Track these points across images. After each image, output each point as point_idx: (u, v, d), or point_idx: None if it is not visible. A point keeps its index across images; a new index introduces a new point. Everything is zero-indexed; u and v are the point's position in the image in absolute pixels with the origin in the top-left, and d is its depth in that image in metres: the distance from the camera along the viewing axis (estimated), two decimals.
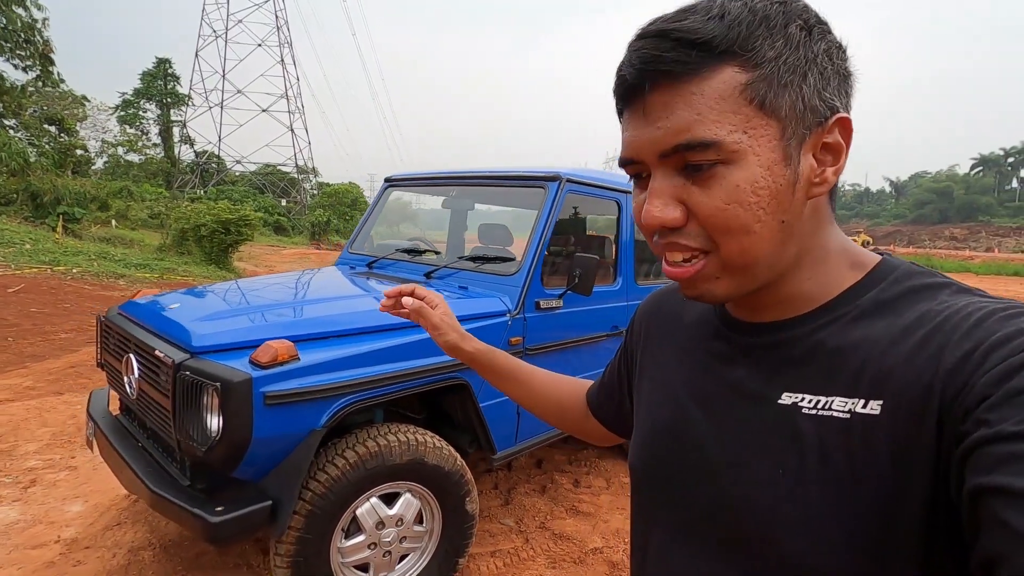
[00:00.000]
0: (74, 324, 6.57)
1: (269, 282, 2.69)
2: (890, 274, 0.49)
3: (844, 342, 0.46)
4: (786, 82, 0.43)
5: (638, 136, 0.46)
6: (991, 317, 0.40)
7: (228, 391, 1.57)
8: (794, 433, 0.46)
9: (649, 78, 0.44)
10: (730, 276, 0.47)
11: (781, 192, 0.44)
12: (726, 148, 0.43)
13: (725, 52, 0.42)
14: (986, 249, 43.99)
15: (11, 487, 2.78)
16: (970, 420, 0.37)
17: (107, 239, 15.10)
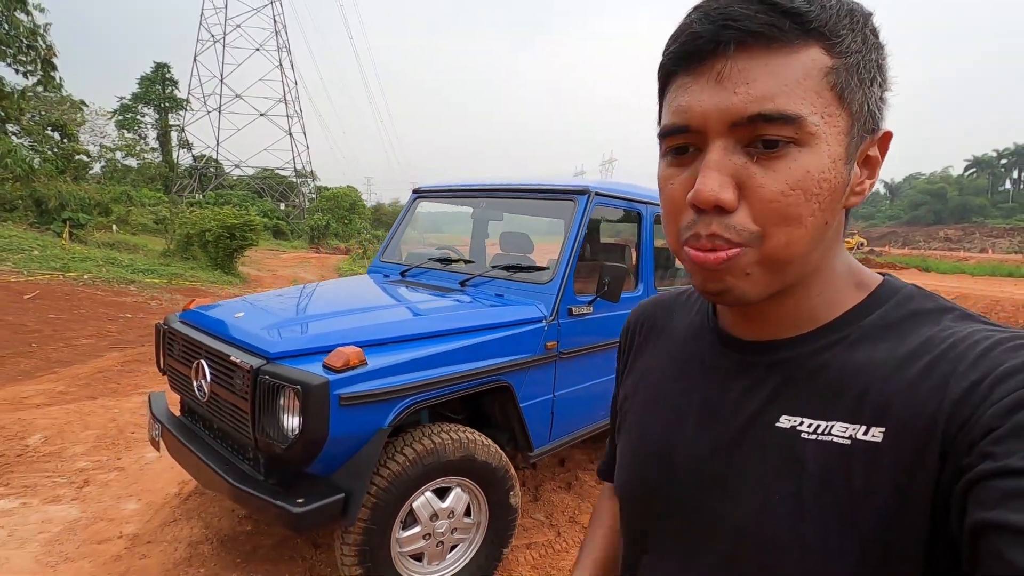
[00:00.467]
0: (93, 330, 6.69)
1: (317, 290, 2.84)
2: (893, 296, 0.48)
3: (846, 365, 0.45)
4: (861, 79, 0.42)
5: (705, 101, 0.42)
6: (998, 347, 0.39)
7: (308, 393, 1.72)
8: (793, 458, 0.44)
9: (735, 37, 0.40)
10: (763, 272, 0.44)
11: (837, 191, 0.43)
12: (805, 128, 0.40)
13: (815, 30, 0.40)
14: (980, 250, 44.47)
15: (67, 487, 2.92)
16: (975, 453, 0.36)
17: (111, 244, 15.20)
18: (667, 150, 0.47)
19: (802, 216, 0.42)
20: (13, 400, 4.13)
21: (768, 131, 0.40)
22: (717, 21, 0.41)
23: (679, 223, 0.46)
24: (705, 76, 0.42)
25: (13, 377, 4.73)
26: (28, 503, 2.74)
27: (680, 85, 0.44)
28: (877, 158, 0.46)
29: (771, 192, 0.41)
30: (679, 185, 0.45)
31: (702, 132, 0.43)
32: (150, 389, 4.63)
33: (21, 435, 3.47)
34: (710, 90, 0.42)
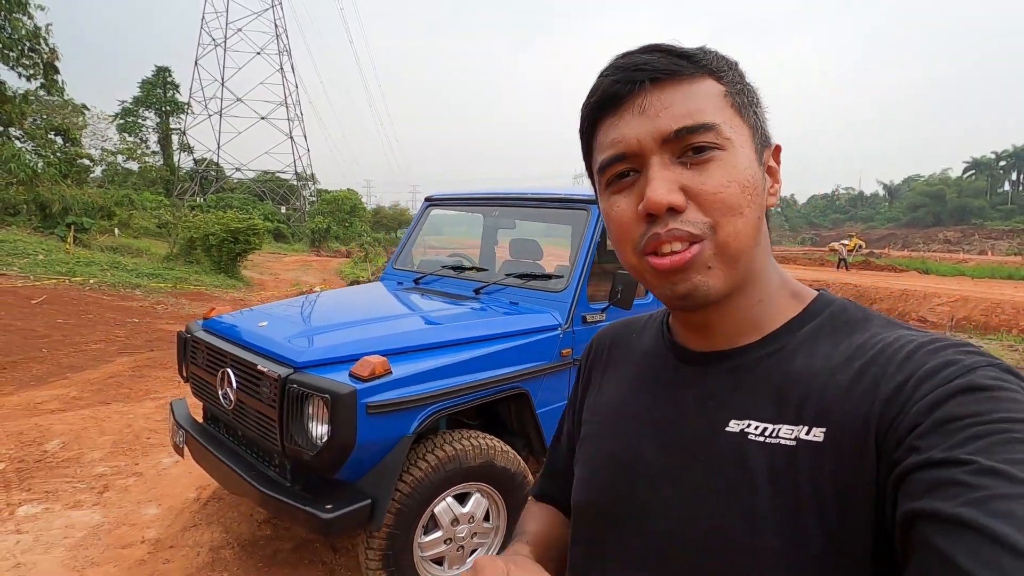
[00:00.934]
0: (101, 335, 6.74)
1: (335, 298, 2.89)
2: (827, 307, 0.53)
3: (789, 372, 0.49)
4: (748, 103, 0.51)
5: (634, 129, 0.49)
6: (920, 350, 0.43)
7: (337, 402, 1.77)
8: (742, 460, 0.47)
9: (647, 77, 0.48)
10: (721, 264, 0.48)
11: (759, 187, 0.50)
12: (722, 133, 0.48)
13: (705, 67, 0.49)
14: (979, 252, 44.56)
15: (87, 492, 2.96)
16: (902, 448, 0.39)
17: (114, 249, 15.24)
18: (608, 182, 0.52)
19: (741, 206, 0.48)
20: (28, 406, 4.18)
21: (694, 139, 0.48)
22: (630, 69, 0.49)
23: (633, 238, 0.50)
24: (629, 111, 0.49)
25: (26, 383, 4.77)
26: (51, 508, 2.78)
27: (608, 125, 0.51)
28: (775, 167, 0.55)
29: (712, 187, 0.47)
30: (626, 207, 0.51)
31: (638, 155, 0.49)
32: (162, 394, 4.68)
33: (39, 440, 3.52)
34: (637, 120, 0.49)
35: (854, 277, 20.92)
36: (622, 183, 0.51)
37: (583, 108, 0.53)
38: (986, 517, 0.32)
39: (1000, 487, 0.32)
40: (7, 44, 17.92)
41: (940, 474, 0.35)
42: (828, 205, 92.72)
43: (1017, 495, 0.32)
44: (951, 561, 0.32)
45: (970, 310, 13.68)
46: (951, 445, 0.36)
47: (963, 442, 0.36)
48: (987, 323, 12.69)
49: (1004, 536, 0.30)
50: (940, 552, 0.32)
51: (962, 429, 0.36)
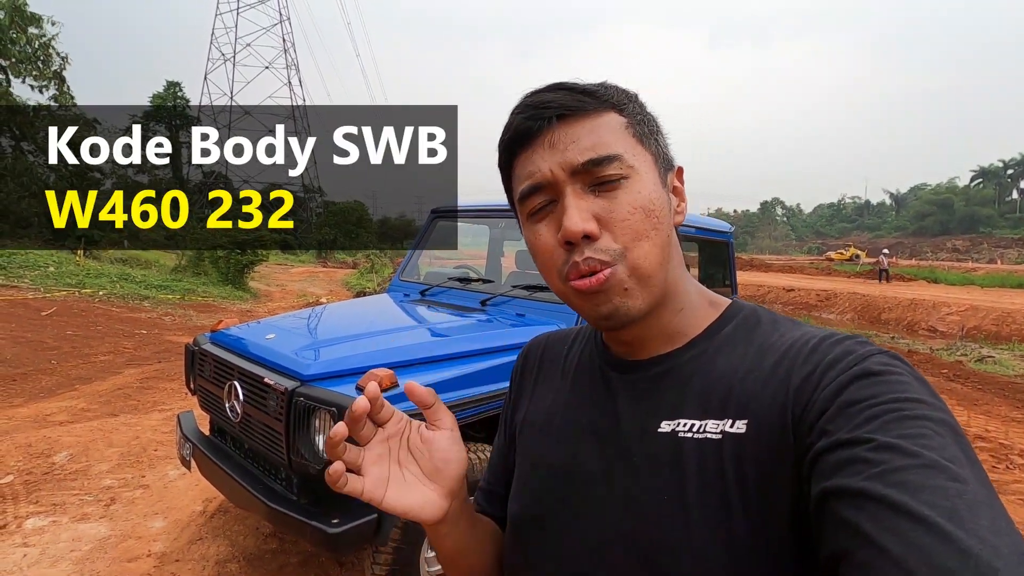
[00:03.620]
0: (110, 346, 6.79)
1: (342, 311, 2.90)
2: (740, 312, 0.57)
3: (711, 371, 0.52)
4: (649, 131, 0.55)
5: (547, 161, 0.52)
6: (823, 344, 0.48)
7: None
8: (674, 459, 0.49)
9: (554, 114, 0.52)
10: (637, 285, 0.51)
11: (664, 209, 0.53)
12: (626, 163, 0.51)
13: (607, 102, 0.53)
14: (988, 261, 44.20)
15: (94, 505, 2.96)
16: (814, 432, 0.42)
17: (124, 260, 15.40)
18: (528, 214, 0.55)
19: (647, 231, 0.51)
20: (37, 417, 4.20)
21: (601, 171, 0.51)
22: (539, 106, 0.52)
23: (557, 265, 0.53)
24: (541, 146, 0.53)
25: (36, 395, 4.80)
26: (58, 521, 2.79)
27: (523, 159, 0.54)
28: (680, 188, 0.59)
29: (620, 214, 0.50)
30: (547, 234, 0.53)
31: (552, 185, 0.52)
32: (169, 406, 4.69)
33: (47, 453, 3.53)
34: (548, 153, 0.52)
35: (861, 287, 20.78)
36: (541, 213, 0.54)
37: (499, 144, 0.57)
38: (886, 488, 0.35)
39: (895, 460, 0.36)
40: (20, 58, 18.24)
41: (845, 453, 0.38)
42: (834, 214, 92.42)
43: (910, 466, 0.35)
44: (859, 530, 0.34)
45: (980, 320, 13.55)
46: (853, 426, 0.39)
47: (863, 423, 0.39)
48: (998, 333, 12.56)
49: (902, 503, 0.34)
50: (848, 522, 0.35)
51: (862, 411, 0.40)
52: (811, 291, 19.71)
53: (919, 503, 0.33)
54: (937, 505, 0.33)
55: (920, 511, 0.33)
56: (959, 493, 0.34)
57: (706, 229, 3.85)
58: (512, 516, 0.63)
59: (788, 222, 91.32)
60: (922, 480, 0.35)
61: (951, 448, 0.37)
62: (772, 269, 33.21)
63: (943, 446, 0.37)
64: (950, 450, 0.37)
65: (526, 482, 0.62)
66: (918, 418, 0.39)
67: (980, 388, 6.67)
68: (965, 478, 0.35)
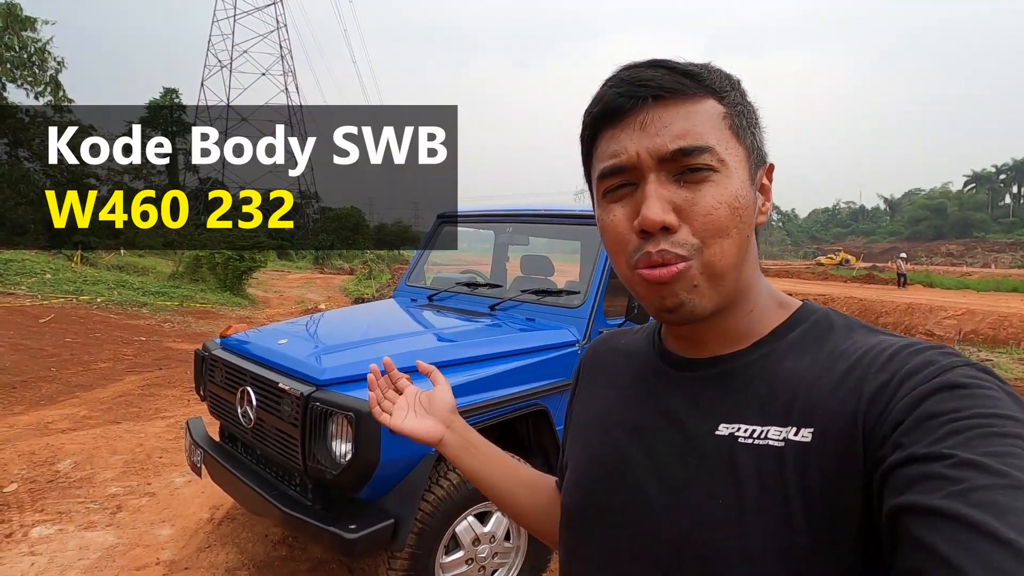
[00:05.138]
0: (109, 353, 6.74)
1: (352, 316, 2.89)
2: (811, 315, 0.54)
3: (776, 375, 0.50)
4: (747, 123, 0.52)
5: (635, 144, 0.49)
6: (900, 353, 0.45)
7: (361, 419, 1.76)
8: (731, 464, 0.48)
9: (650, 93, 0.49)
10: (708, 284, 0.50)
11: (750, 208, 0.51)
12: (717, 155, 0.49)
13: (708, 87, 0.50)
14: (983, 265, 44.50)
15: (100, 513, 2.94)
16: (887, 445, 0.40)
17: (120, 267, 15.32)
18: (604, 192, 0.54)
19: (730, 228, 0.49)
20: (39, 425, 4.17)
21: (690, 161, 0.49)
22: (634, 83, 0.50)
23: (627, 250, 0.52)
24: (630, 126, 0.50)
25: (36, 402, 4.76)
26: (64, 529, 2.76)
27: (609, 137, 0.52)
28: (768, 186, 0.56)
29: (704, 208, 0.48)
30: (623, 218, 0.52)
31: (636, 169, 0.50)
32: (172, 413, 4.66)
33: (51, 460, 3.50)
34: (637, 135, 0.50)
35: (857, 291, 20.86)
36: (619, 193, 0.52)
37: (585, 115, 0.54)
38: (966, 507, 0.33)
39: (979, 479, 0.34)
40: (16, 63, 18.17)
41: (922, 469, 0.36)
42: (829, 219, 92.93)
43: (994, 486, 0.33)
44: (934, 550, 0.33)
45: (977, 323, 13.61)
46: (932, 440, 0.37)
47: (943, 437, 0.37)
48: (995, 336, 12.61)
49: (982, 524, 0.32)
50: (923, 543, 0.33)
51: (942, 425, 0.38)
52: (808, 295, 19.75)
53: (1005, 526, 0.31)
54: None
55: (1005, 534, 0.31)
56: None
57: None
58: (565, 508, 0.63)
59: (783, 227, 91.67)
60: (1007, 501, 0.32)
61: None
62: (769, 274, 33.28)
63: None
64: None
65: (580, 477, 0.62)
66: (1007, 436, 0.36)
67: None
68: None
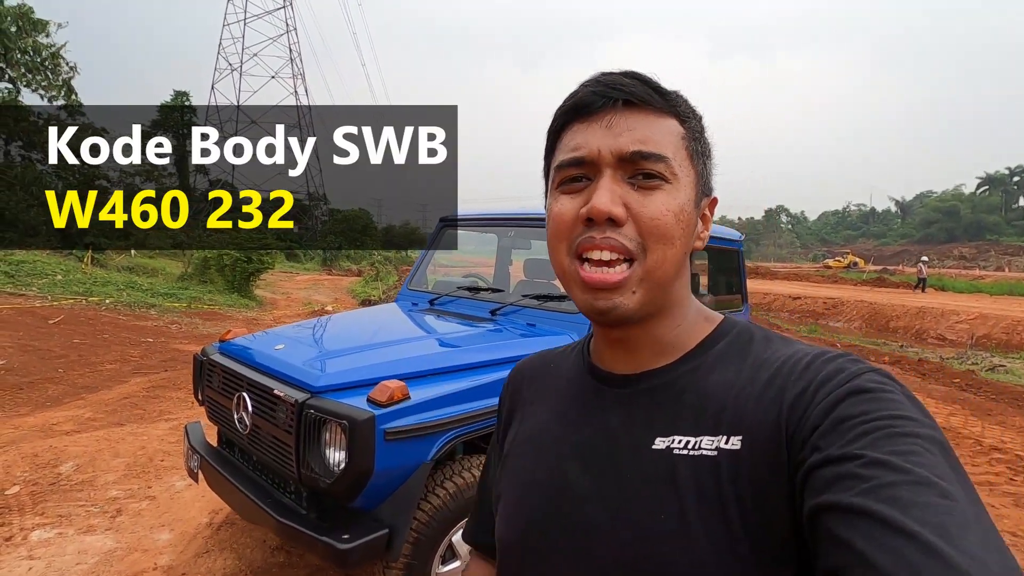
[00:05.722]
0: (116, 355, 6.78)
1: (351, 320, 2.88)
2: (733, 328, 0.57)
3: (706, 387, 0.52)
4: (701, 152, 0.55)
5: (598, 140, 0.52)
6: (816, 361, 0.48)
7: (355, 428, 1.74)
8: (670, 476, 0.49)
9: (622, 97, 0.52)
10: (644, 290, 0.51)
11: (692, 225, 0.54)
12: (671, 168, 0.51)
13: (673, 107, 0.53)
14: (996, 268, 43.87)
15: (100, 516, 2.93)
16: (806, 448, 0.42)
17: (130, 268, 15.45)
18: (560, 182, 0.55)
19: (674, 237, 0.51)
20: (43, 427, 4.18)
21: (646, 165, 0.51)
22: (609, 86, 0.52)
23: (570, 236, 0.53)
24: (597, 123, 0.53)
25: (42, 404, 4.79)
26: (64, 533, 2.76)
27: (575, 130, 0.54)
28: (709, 217, 0.59)
29: (651, 212, 0.51)
30: (572, 207, 0.53)
31: (595, 164, 0.52)
32: (176, 416, 4.67)
33: (53, 463, 3.51)
34: (602, 133, 0.52)
35: (868, 294, 20.65)
36: (573, 186, 0.54)
37: (557, 110, 0.56)
38: (876, 503, 0.35)
39: (886, 476, 0.36)
40: (29, 67, 18.40)
41: (837, 469, 0.39)
42: (839, 221, 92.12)
43: (900, 482, 0.36)
44: (852, 547, 0.35)
45: (990, 328, 13.41)
46: (845, 442, 0.40)
47: (855, 439, 0.40)
48: (1008, 341, 12.43)
49: (893, 519, 0.34)
50: (840, 539, 0.36)
51: (854, 427, 0.40)
52: (817, 299, 19.59)
53: (910, 519, 0.34)
54: (928, 522, 0.34)
55: (911, 527, 0.34)
56: (949, 510, 0.34)
57: (716, 237, 3.82)
58: (503, 540, 0.61)
59: (793, 230, 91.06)
60: (912, 496, 0.35)
61: (941, 465, 0.37)
62: (778, 277, 33.06)
63: (933, 463, 0.37)
64: (940, 468, 0.37)
65: (518, 504, 0.60)
66: (909, 435, 0.39)
67: (993, 398, 6.58)
68: (955, 495, 0.35)
